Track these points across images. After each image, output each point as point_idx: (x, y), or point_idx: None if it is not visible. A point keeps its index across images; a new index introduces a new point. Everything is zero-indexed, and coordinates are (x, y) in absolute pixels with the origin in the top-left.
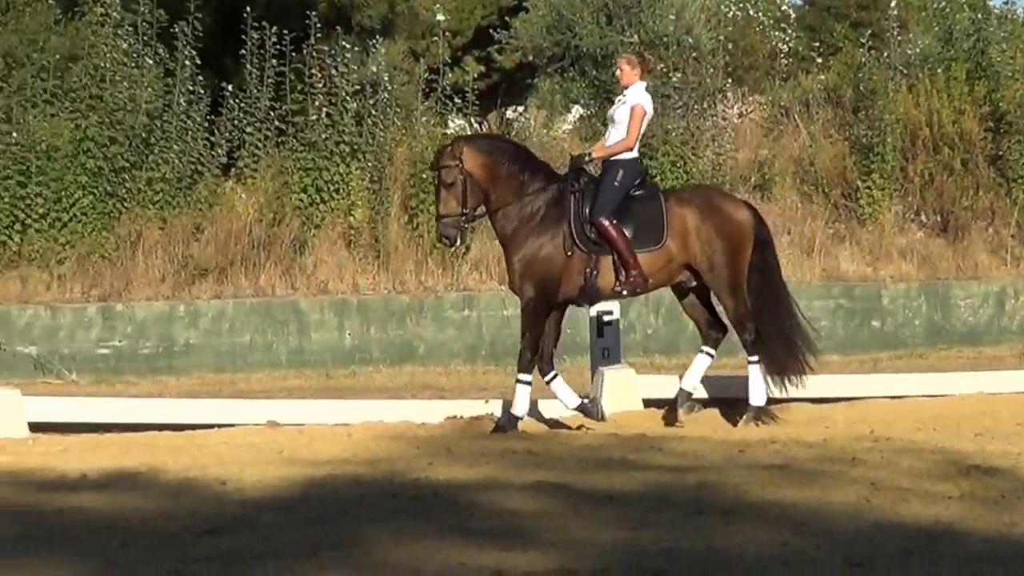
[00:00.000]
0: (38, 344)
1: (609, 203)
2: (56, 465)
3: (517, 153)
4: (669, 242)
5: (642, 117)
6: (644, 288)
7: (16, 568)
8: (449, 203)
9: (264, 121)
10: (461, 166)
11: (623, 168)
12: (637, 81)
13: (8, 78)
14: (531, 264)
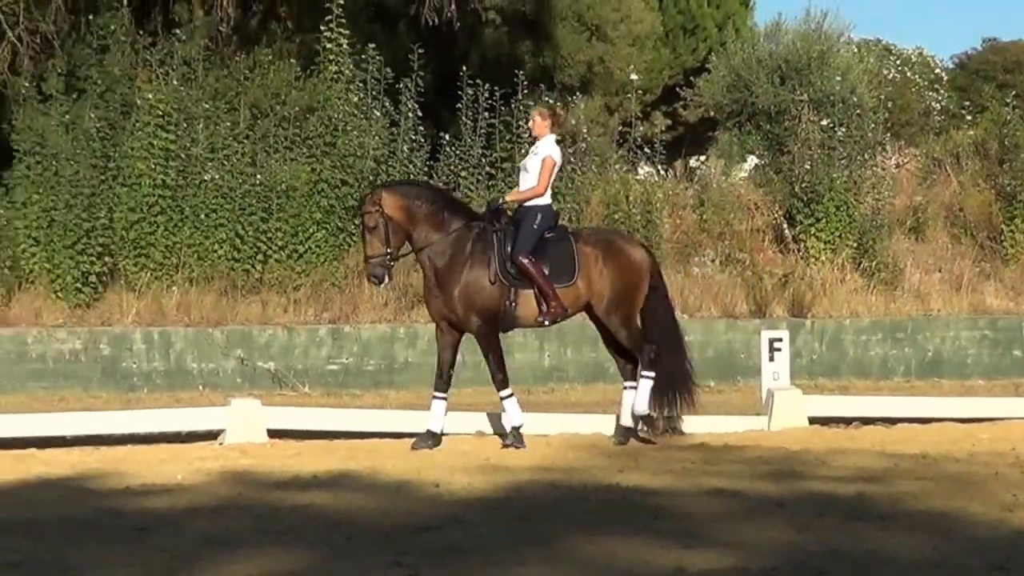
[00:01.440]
0: (276, 360)
1: (528, 243)
2: (291, 467)
3: (434, 195)
4: (579, 280)
5: (552, 167)
6: (563, 317)
7: (255, 557)
8: (374, 245)
9: (476, 167)
10: (381, 211)
11: (541, 212)
12: (548, 134)
13: (254, 127)
14: (471, 295)
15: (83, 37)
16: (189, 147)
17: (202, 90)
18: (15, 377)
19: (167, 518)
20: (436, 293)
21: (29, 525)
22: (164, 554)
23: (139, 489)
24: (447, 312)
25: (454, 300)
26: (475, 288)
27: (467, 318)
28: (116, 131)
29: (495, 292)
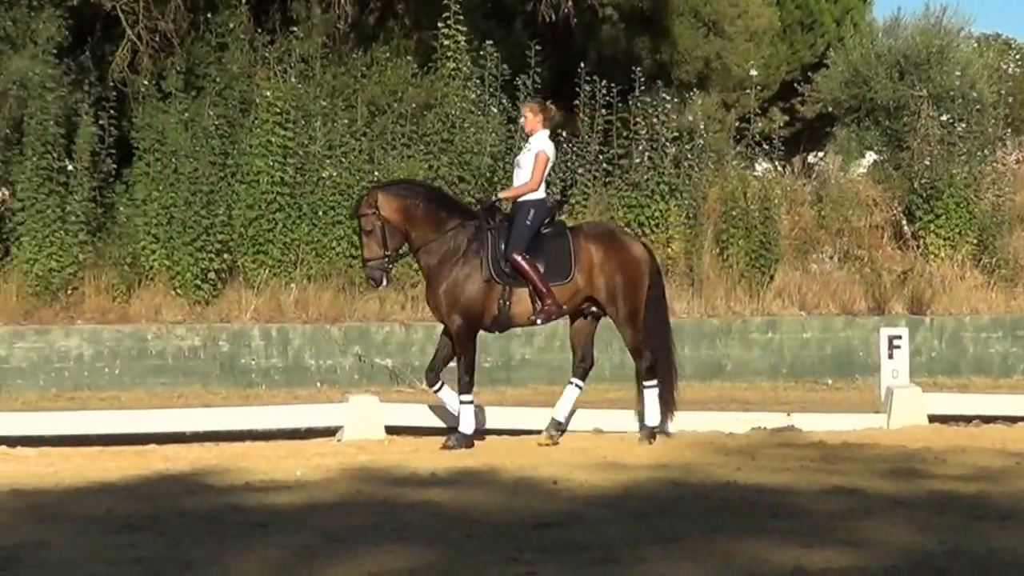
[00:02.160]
0: (393, 357)
1: (522, 240)
2: (409, 463)
3: (431, 194)
4: (577, 276)
5: (545, 163)
6: (559, 315)
7: (373, 554)
8: (371, 248)
9: (593, 163)
10: (378, 213)
11: (534, 208)
12: (540, 129)
13: (371, 124)
14: (456, 294)
15: (202, 35)
16: (307, 144)
17: (320, 87)
18: (135, 373)
19: (286, 514)
20: (429, 291)
21: (150, 521)
22: (283, 550)
23: (259, 485)
24: (432, 308)
25: (439, 297)
26: (460, 288)
27: (449, 315)
28: (235, 128)
29: (484, 292)
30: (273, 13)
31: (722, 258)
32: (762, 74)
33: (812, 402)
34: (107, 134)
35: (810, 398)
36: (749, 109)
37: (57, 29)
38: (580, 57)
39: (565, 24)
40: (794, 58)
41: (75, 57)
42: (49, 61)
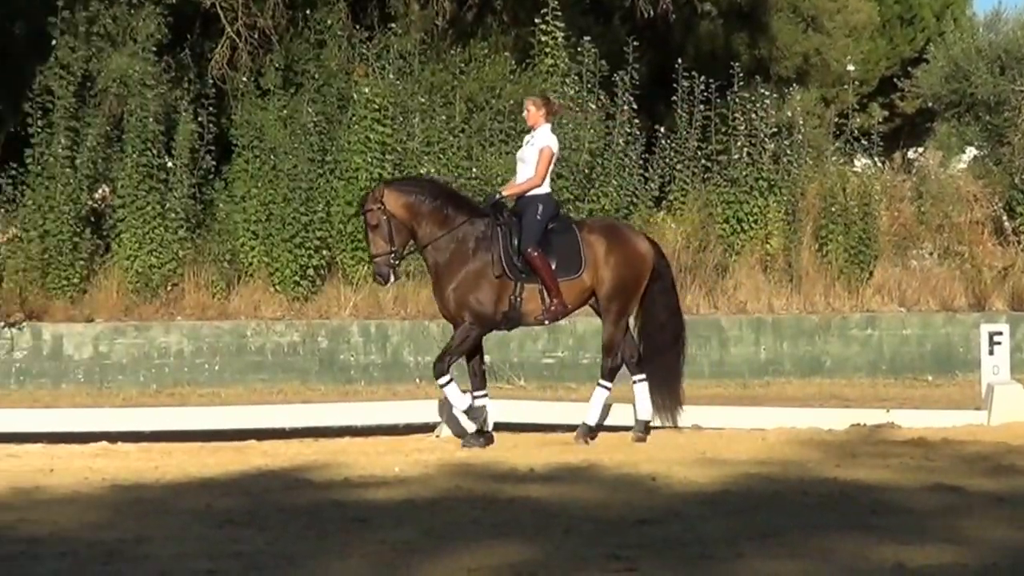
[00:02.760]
0: (491, 354)
1: (534, 235)
2: (507, 459)
3: (437, 191)
4: (585, 272)
5: (549, 157)
6: (564, 315)
7: (473, 550)
8: (378, 244)
9: (692, 159)
10: (383, 208)
11: (542, 203)
12: (543, 123)
13: (469, 121)
14: (466, 292)
15: (300, 32)
16: (405, 141)
17: (418, 84)
18: (235, 369)
19: (386, 510)
20: (438, 290)
21: (250, 516)
22: (383, 546)
23: (358, 481)
24: (441, 307)
25: (447, 296)
26: (470, 286)
27: (458, 315)
28: (333, 125)
29: (496, 289)
30: (371, 10)
31: (821, 254)
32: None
33: (912, 399)
34: (206, 131)
35: (910, 395)
36: (848, 104)
37: (157, 27)
38: (678, 53)
39: (663, 20)
40: (893, 53)
41: (175, 54)
42: (149, 58)
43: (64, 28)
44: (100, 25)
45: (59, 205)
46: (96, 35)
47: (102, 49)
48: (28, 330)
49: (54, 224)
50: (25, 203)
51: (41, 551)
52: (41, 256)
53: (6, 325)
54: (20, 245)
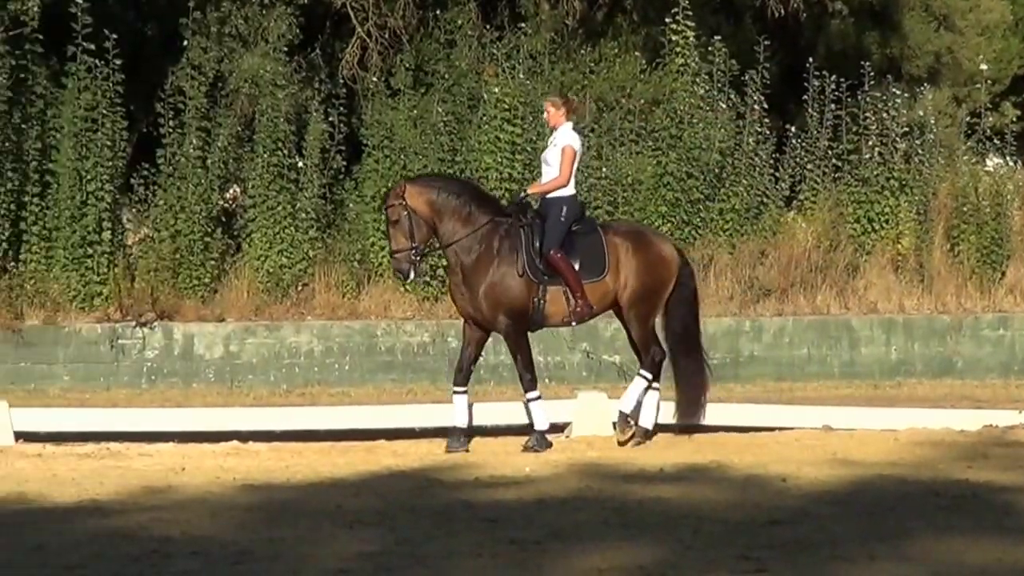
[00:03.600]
0: (621, 353)
1: (557, 237)
2: (637, 460)
3: (461, 188)
4: (608, 275)
5: (572, 157)
6: (589, 316)
7: (603, 550)
8: (398, 239)
9: (823, 159)
10: (405, 203)
11: (566, 204)
12: (564, 122)
13: (599, 120)
14: (498, 294)
15: (431, 32)
16: (535, 141)
17: (548, 84)
18: (365, 369)
19: (516, 510)
20: (463, 291)
21: (380, 516)
22: (513, 546)
23: (488, 481)
24: (472, 311)
25: (479, 299)
26: (502, 286)
27: (493, 317)
28: (463, 125)
29: (523, 289)
30: (501, 10)
31: (952, 254)
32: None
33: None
34: (337, 131)
35: None
36: (980, 104)
37: (288, 27)
38: (809, 52)
39: (794, 19)
40: None
41: (305, 55)
42: (280, 59)
43: (196, 29)
44: (232, 26)
45: (190, 205)
46: (228, 36)
47: (234, 50)
48: (160, 330)
49: (185, 224)
50: (157, 203)
51: (173, 550)
52: (173, 256)
53: (138, 325)
54: (152, 245)
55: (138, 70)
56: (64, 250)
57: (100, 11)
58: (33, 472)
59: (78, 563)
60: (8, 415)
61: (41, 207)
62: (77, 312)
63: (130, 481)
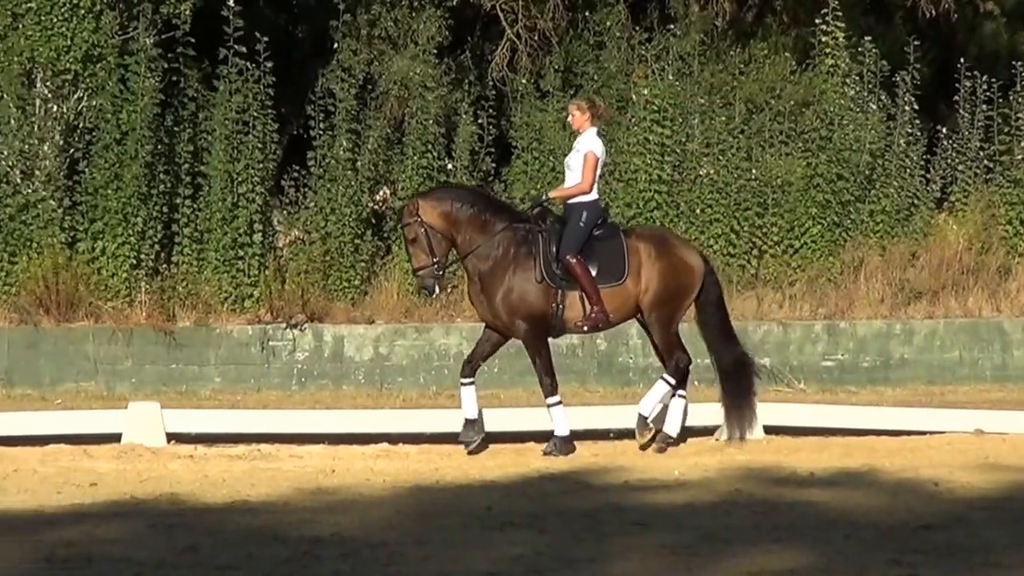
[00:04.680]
0: (770, 356)
1: (575, 242)
2: (788, 463)
3: (474, 197)
4: (628, 279)
5: (595, 163)
6: (606, 324)
7: (753, 554)
8: (419, 257)
9: (974, 160)
10: (420, 220)
11: (587, 210)
12: (588, 127)
13: (749, 122)
14: (515, 300)
15: (580, 34)
16: (684, 142)
17: (697, 85)
18: (514, 371)
19: (666, 513)
20: (481, 298)
21: (530, 518)
22: (663, 549)
23: (637, 484)
24: (492, 318)
25: (497, 306)
26: (519, 292)
27: (512, 323)
28: (612, 127)
29: (541, 295)
30: (651, 11)
31: None
32: None
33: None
34: (486, 133)
35: None
36: None
37: (438, 29)
38: (960, 52)
39: (945, 19)
40: None
41: (455, 57)
42: (430, 61)
43: (346, 31)
44: (381, 28)
45: (340, 207)
46: (377, 38)
47: (383, 52)
48: (310, 332)
49: (335, 226)
50: (307, 205)
51: (323, 552)
52: (323, 258)
53: (288, 327)
54: (302, 247)
55: (289, 73)
56: (215, 252)
57: (251, 14)
58: (185, 473)
59: (230, 564)
60: (160, 416)
61: (193, 209)
62: (228, 314)
63: (281, 483)
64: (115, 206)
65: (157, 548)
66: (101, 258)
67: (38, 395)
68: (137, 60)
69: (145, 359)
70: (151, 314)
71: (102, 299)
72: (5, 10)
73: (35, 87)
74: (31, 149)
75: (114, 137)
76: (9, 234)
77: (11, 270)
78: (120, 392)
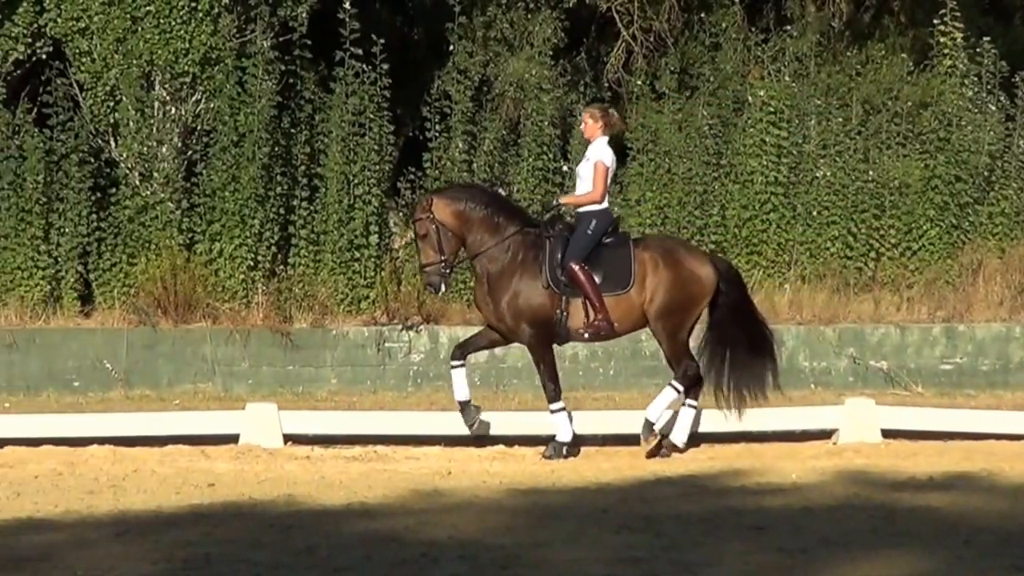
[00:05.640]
0: (888, 359)
1: (581, 250)
2: (906, 467)
3: (488, 199)
4: (633, 289)
5: (605, 172)
6: (610, 333)
7: (871, 559)
8: (427, 253)
9: None
10: (432, 217)
11: (596, 218)
12: (599, 136)
13: (866, 123)
14: (520, 305)
15: (696, 35)
16: (801, 144)
17: (814, 86)
18: (629, 374)
19: (783, 517)
20: (487, 301)
21: (646, 522)
22: (780, 554)
23: (754, 488)
24: (496, 322)
25: (502, 309)
26: (524, 297)
27: (517, 328)
28: (728, 128)
29: (546, 301)
30: (767, 12)
31: None
32: None
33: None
34: None
35: None
36: None
37: (553, 31)
38: None
39: None
40: None
41: (571, 58)
42: (545, 63)
43: (462, 33)
44: (497, 30)
45: None
46: (493, 39)
47: (499, 54)
48: (425, 333)
49: None
50: None
51: (440, 555)
52: None
53: (404, 328)
54: None
55: (405, 74)
56: (332, 254)
57: (367, 16)
58: (302, 474)
59: (347, 566)
60: (277, 417)
61: (309, 211)
62: (344, 315)
63: (397, 484)
64: (232, 208)
65: (274, 549)
66: (218, 260)
67: (156, 396)
68: (254, 62)
69: (262, 360)
70: (268, 315)
71: (219, 300)
72: (124, 13)
73: (154, 89)
74: (150, 151)
75: (231, 139)
76: (128, 236)
77: (130, 271)
78: (237, 393)
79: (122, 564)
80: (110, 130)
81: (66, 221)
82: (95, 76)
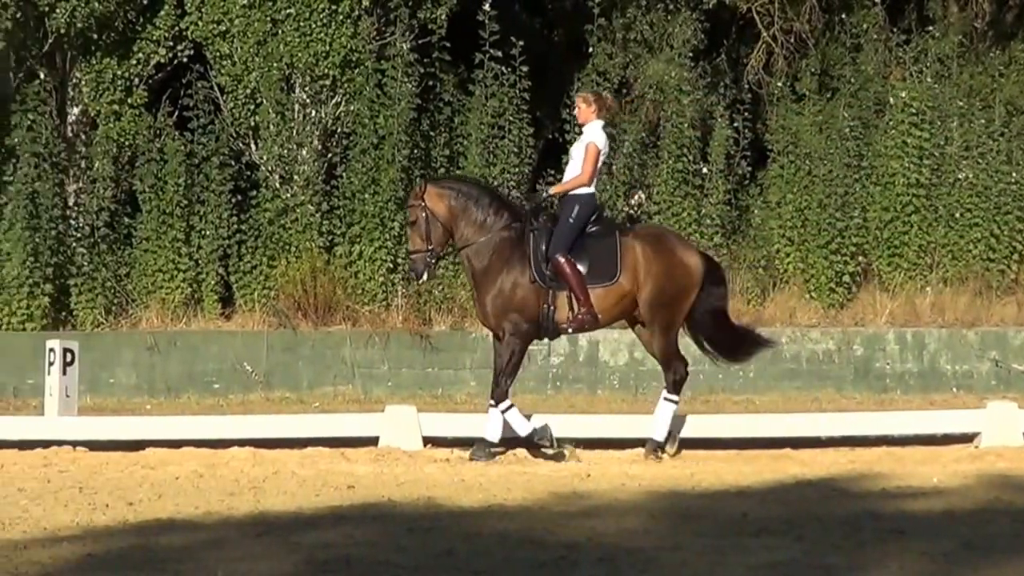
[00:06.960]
0: None
1: (565, 241)
2: None
3: (481, 193)
4: (622, 278)
5: (596, 155)
6: (593, 325)
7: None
8: (415, 240)
9: None
10: (424, 205)
11: (579, 203)
12: (594, 119)
13: (1009, 124)
14: (504, 301)
15: (836, 36)
16: (943, 145)
17: (956, 87)
18: (769, 376)
19: (924, 521)
20: (474, 295)
21: (787, 525)
22: (923, 557)
23: (895, 491)
24: (481, 317)
25: (486, 305)
26: (510, 293)
27: (499, 323)
28: (869, 130)
29: (532, 296)
30: (909, 12)
31: None
32: None
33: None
34: (741, 136)
35: None
36: None
37: (693, 32)
38: None
39: None
40: None
41: (711, 60)
42: (685, 64)
43: (601, 35)
44: (636, 31)
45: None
46: (633, 41)
47: (638, 55)
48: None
49: None
50: None
51: (579, 557)
52: None
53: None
54: None
55: (544, 76)
56: None
57: (507, 19)
58: (441, 477)
59: (487, 568)
60: (416, 420)
61: None
62: None
63: (536, 487)
64: (372, 210)
65: (414, 551)
66: (358, 262)
67: (296, 398)
68: (394, 65)
69: (401, 363)
70: (407, 318)
71: (359, 303)
72: (265, 16)
73: (294, 92)
74: (290, 154)
75: (371, 142)
76: (268, 238)
77: (270, 274)
78: (376, 395)
79: (261, 565)
80: (250, 133)
81: (207, 224)
82: (235, 79)
